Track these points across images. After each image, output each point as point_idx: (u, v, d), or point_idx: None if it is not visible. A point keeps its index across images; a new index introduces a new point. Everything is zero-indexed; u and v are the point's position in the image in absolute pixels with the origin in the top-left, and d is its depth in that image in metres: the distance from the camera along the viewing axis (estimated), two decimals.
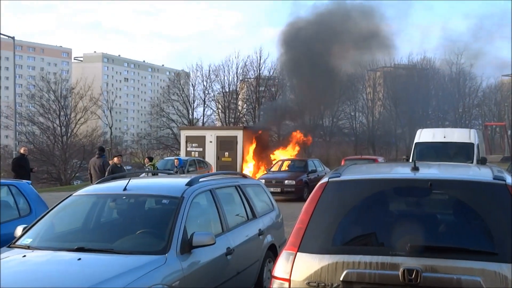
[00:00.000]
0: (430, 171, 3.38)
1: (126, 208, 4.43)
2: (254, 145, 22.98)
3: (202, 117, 42.25)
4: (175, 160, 16.92)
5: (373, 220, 2.97)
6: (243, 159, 22.67)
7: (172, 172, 12.90)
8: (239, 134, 22.79)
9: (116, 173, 10.06)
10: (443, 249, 2.76)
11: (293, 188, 15.56)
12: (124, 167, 14.10)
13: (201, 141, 23.30)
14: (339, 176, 3.16)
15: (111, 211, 4.53)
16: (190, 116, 41.73)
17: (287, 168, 17.59)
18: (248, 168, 22.64)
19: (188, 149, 23.44)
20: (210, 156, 22.94)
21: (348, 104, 42.37)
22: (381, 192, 3.06)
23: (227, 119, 40.73)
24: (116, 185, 4.74)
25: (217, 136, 23.04)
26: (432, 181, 2.97)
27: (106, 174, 11.31)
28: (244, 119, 40.36)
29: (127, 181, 4.52)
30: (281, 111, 25.64)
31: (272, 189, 15.12)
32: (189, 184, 4.41)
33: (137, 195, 4.39)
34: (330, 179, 3.16)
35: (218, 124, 42.25)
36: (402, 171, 3.42)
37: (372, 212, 3.02)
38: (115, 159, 12.22)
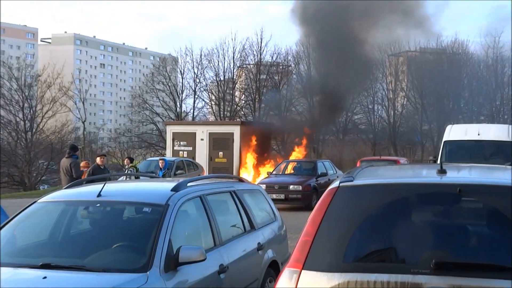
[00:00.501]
0: (460, 174, 3.42)
1: (100, 217, 4.43)
2: (254, 144, 23.14)
3: (192, 110, 42.35)
4: (160, 161, 16.95)
5: (392, 232, 2.99)
6: (240, 160, 22.69)
7: (156, 175, 13.62)
8: (236, 130, 22.83)
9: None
10: (474, 266, 2.77)
11: (300, 195, 15.57)
12: (109, 170, 14.30)
13: (190, 138, 23.28)
14: (352, 180, 3.19)
15: (83, 221, 4.52)
16: (177, 109, 41.81)
17: (292, 171, 17.61)
18: (247, 171, 22.65)
19: (175, 148, 23.45)
20: (202, 157, 22.99)
21: (365, 96, 42.14)
22: (401, 199, 3.08)
23: (221, 112, 40.75)
24: (88, 190, 4.71)
25: (209, 133, 23.05)
26: (462, 186, 2.98)
27: (86, 177, 11.29)
28: (242, 112, 40.40)
29: (102, 185, 4.53)
30: (288, 102, 25.77)
31: (274, 196, 15.04)
32: (176, 189, 4.43)
33: (113, 202, 4.40)
34: (341, 184, 3.19)
35: (211, 118, 42.24)
36: (427, 175, 3.41)
37: (390, 223, 3.03)
38: (98, 159, 12.18)
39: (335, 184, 3.24)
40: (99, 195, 4.39)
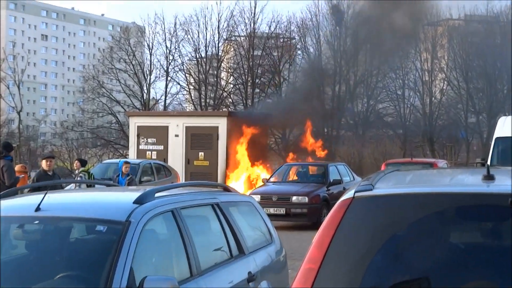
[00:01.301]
0: None
1: (39, 238, 4.39)
2: (245, 142, 23.34)
3: (163, 97, 41.85)
4: (125, 166, 16.35)
5: (424, 256, 3.01)
6: (227, 163, 22.69)
7: (114, 182, 13.41)
8: (221, 123, 22.96)
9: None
10: None
11: (305, 209, 15.76)
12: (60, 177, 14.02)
13: (161, 134, 23.38)
14: (371, 189, 3.24)
15: (17, 243, 4.52)
16: (144, 95, 41.43)
17: (295, 178, 17.80)
18: (236, 177, 22.76)
19: (141, 147, 23.64)
20: (176, 159, 23.05)
21: (393, 78, 41.23)
22: (436, 213, 3.11)
23: (203, 100, 40.32)
24: (24, 203, 4.68)
25: (186, 127, 23.15)
26: None
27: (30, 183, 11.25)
28: (230, 100, 39.75)
29: (41, 196, 4.50)
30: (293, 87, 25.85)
31: (272, 210, 15.23)
32: (140, 201, 4.46)
33: (57, 218, 4.38)
34: (357, 194, 3.23)
35: (189, 108, 41.70)
36: (469, 182, 3.44)
37: (421, 245, 3.05)
38: (43, 162, 12.14)
39: (348, 194, 3.29)
40: (37, 209, 4.35)
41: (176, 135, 23.56)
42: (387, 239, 3.11)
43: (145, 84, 42.00)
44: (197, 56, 41.58)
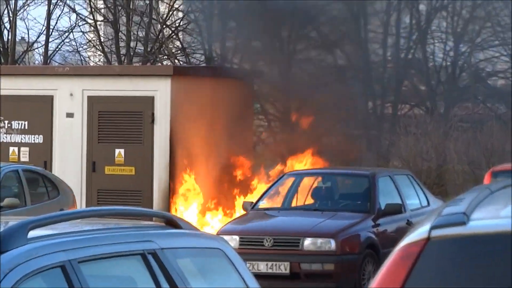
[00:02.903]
0: None
1: None
2: (210, 128, 19.08)
3: (43, 39, 27.78)
4: None
5: None
6: (172, 169, 17.64)
7: None
8: (161, 89, 17.60)
9: None
10: None
11: (331, 264, 13.69)
12: None
13: (39, 112, 18.06)
14: (463, 223, 2.59)
15: None
16: (5, 35, 27.63)
17: (310, 201, 15.24)
18: (192, 197, 17.99)
19: (1, 138, 18.38)
20: (70, 161, 17.88)
21: (501, 7, 32.72)
22: None
23: (122, 44, 27.04)
24: None
25: (90, 98, 17.72)
26: None
27: None
28: (178, 43, 27.61)
29: None
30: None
31: (263, 267, 13.42)
32: None
33: None
34: (435, 231, 2.61)
35: (96, 61, 29.69)
36: None
37: None
38: None
39: (418, 232, 2.67)
40: None
41: (69, 115, 17.59)
42: None
43: (6, 11, 27.78)
44: None
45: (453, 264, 2.58)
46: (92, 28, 28.73)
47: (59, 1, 27.37)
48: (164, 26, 27.14)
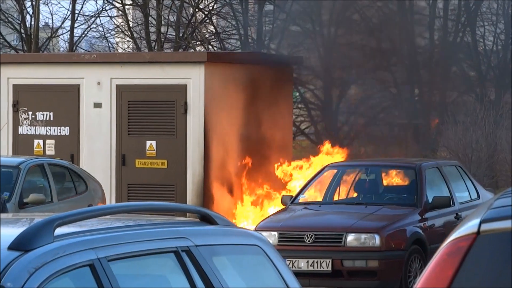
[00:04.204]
0: None
1: None
2: (248, 117, 19.43)
3: (68, 24, 27.44)
4: None
5: None
6: (207, 161, 17.65)
7: None
8: (194, 77, 17.43)
9: None
10: None
11: (375, 261, 13.42)
12: None
13: (65, 103, 17.88)
14: None
15: None
16: (28, 21, 26.99)
17: (353, 194, 15.28)
18: (228, 193, 18.15)
19: (21, 129, 18.03)
20: (98, 154, 17.78)
21: None
22: None
23: (153, 30, 26.75)
24: None
25: (119, 87, 17.57)
26: None
27: None
28: (212, 29, 27.46)
29: None
30: None
31: (303, 264, 13.41)
32: (21, 245, 3.49)
33: None
34: (485, 226, 2.61)
35: (125, 48, 29.63)
36: None
37: None
38: None
39: (467, 226, 2.67)
40: None
41: (97, 105, 17.42)
42: None
43: (31, 5, 27.11)
44: None
45: (504, 260, 2.50)
46: (120, 12, 28.66)
47: None
48: (196, 10, 27.24)
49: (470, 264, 2.55)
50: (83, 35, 28.75)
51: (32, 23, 26.91)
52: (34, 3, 27.23)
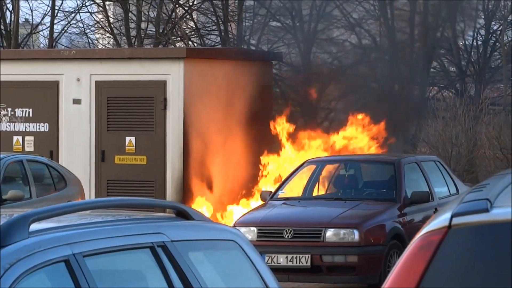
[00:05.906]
0: None
1: None
2: (227, 113, 20.19)
3: (48, 20, 27.50)
4: None
5: None
6: (186, 158, 17.78)
7: None
8: (173, 73, 17.76)
9: None
10: None
11: (354, 256, 13.61)
12: None
13: (44, 99, 18.21)
14: (486, 209, 2.58)
15: None
16: (8, 16, 27.07)
17: (333, 189, 15.36)
18: (205, 188, 18.09)
19: (1, 127, 18.34)
20: (77, 151, 18.05)
21: None
22: None
23: (132, 25, 26.86)
24: None
25: (98, 83, 17.84)
26: None
27: None
28: (192, 24, 27.55)
29: None
30: None
31: (282, 259, 13.40)
32: None
33: None
34: (456, 219, 2.61)
35: (105, 44, 29.74)
36: None
37: None
38: None
39: (439, 220, 2.68)
40: None
41: (76, 101, 17.67)
42: None
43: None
44: None
45: (475, 253, 2.53)
46: (100, 8, 28.54)
47: None
48: (177, 6, 27.23)
49: (441, 257, 2.59)
50: (63, 31, 28.79)
51: (12, 19, 26.93)
52: (15, 8, 27.58)
